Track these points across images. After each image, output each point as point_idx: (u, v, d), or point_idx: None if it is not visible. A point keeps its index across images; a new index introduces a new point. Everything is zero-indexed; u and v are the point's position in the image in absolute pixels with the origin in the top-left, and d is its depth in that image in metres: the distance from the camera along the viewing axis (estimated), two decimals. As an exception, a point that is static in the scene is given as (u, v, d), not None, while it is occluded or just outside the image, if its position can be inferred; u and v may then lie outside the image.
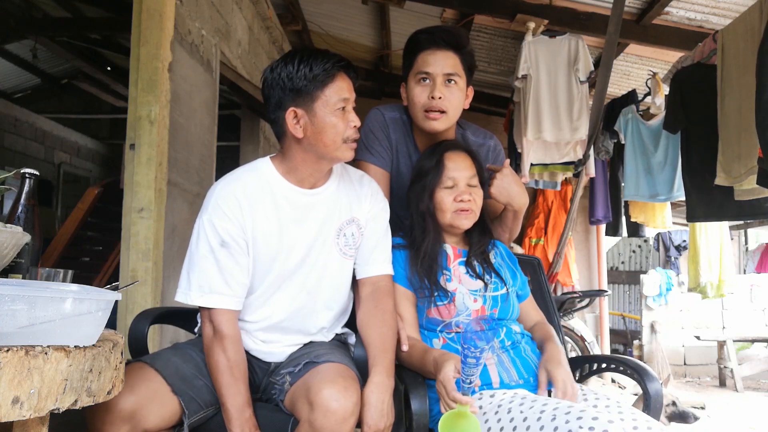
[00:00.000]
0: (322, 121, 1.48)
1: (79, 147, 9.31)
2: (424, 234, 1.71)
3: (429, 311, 1.66)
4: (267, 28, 4.78)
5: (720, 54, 2.87)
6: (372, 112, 1.95)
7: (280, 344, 1.61)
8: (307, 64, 1.48)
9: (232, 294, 1.49)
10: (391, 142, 1.92)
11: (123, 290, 1.20)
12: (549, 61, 4.07)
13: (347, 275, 1.66)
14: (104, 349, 1.01)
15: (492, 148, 2.00)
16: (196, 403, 1.46)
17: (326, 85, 1.48)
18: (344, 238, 1.62)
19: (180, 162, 2.96)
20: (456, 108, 1.83)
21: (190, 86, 3.08)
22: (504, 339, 1.64)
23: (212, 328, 1.48)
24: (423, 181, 1.73)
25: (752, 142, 2.52)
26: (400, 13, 4.84)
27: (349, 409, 1.31)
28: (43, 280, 1.37)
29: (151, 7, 2.68)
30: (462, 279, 1.72)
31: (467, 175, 1.72)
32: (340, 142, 1.51)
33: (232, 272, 1.49)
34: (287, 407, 1.47)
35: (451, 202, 1.70)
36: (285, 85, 1.49)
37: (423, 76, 1.81)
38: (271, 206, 1.54)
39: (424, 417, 1.43)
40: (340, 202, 1.62)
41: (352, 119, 1.52)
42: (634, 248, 9.67)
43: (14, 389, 0.85)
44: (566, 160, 4.20)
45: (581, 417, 1.23)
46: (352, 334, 1.71)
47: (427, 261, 1.69)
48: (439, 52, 1.80)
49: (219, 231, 1.48)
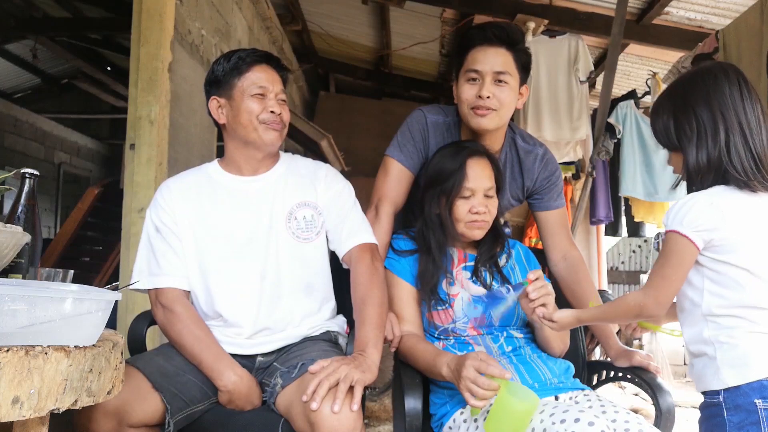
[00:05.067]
0: (239, 106, 1.61)
1: (79, 147, 9.32)
2: (434, 237, 1.68)
3: (428, 314, 1.64)
4: (267, 28, 4.78)
5: (722, 53, 2.87)
6: (415, 113, 1.88)
7: (264, 338, 1.61)
8: (227, 58, 1.65)
9: (169, 273, 1.59)
10: (427, 146, 1.85)
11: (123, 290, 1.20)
12: (549, 61, 4.08)
13: (311, 260, 1.66)
14: (104, 349, 1.01)
15: (540, 156, 1.86)
16: (180, 400, 1.46)
17: (242, 74, 1.62)
18: (296, 222, 1.64)
19: (180, 162, 2.95)
20: (507, 107, 1.72)
21: (190, 86, 3.08)
22: (503, 344, 1.61)
23: (161, 307, 1.58)
24: (442, 185, 1.67)
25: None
26: (400, 13, 4.84)
27: (351, 424, 1.28)
28: (43, 280, 1.37)
29: (151, 7, 2.68)
30: (465, 284, 1.68)
31: (486, 186, 1.65)
32: (257, 123, 1.61)
33: (165, 254, 1.61)
34: (279, 409, 1.46)
35: (465, 213, 1.64)
36: (209, 78, 1.67)
37: (472, 75, 1.71)
38: (207, 194, 1.65)
39: (417, 418, 1.42)
40: (286, 187, 1.67)
41: (271, 105, 1.60)
42: (634, 248, 9.67)
43: (14, 389, 0.85)
44: (566, 159, 4.20)
45: (553, 413, 1.27)
46: (344, 336, 1.71)
47: (430, 264, 1.66)
48: (491, 48, 1.70)
49: (154, 220, 1.64)
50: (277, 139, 1.64)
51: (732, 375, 1.13)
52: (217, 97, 1.66)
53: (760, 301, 1.15)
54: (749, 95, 1.21)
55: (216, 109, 1.66)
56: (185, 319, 1.55)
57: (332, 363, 1.35)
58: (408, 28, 5.18)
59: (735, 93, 1.20)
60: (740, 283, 1.15)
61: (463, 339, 1.62)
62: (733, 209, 1.16)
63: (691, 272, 1.21)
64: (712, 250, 1.17)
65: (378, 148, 2.43)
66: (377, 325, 1.51)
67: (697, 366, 1.21)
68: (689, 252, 1.17)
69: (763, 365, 1.11)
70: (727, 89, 1.21)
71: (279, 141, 1.65)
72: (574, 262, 1.83)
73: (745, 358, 1.12)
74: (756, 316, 1.15)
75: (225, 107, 1.64)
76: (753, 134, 1.19)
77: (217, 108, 1.66)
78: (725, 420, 1.11)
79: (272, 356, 1.62)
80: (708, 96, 1.22)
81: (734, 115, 1.19)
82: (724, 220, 1.15)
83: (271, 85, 1.62)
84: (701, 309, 1.19)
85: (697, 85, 1.24)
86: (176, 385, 1.47)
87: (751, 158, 1.18)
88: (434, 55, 5.73)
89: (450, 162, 1.67)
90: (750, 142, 1.18)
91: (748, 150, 1.18)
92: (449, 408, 1.54)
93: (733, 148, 1.18)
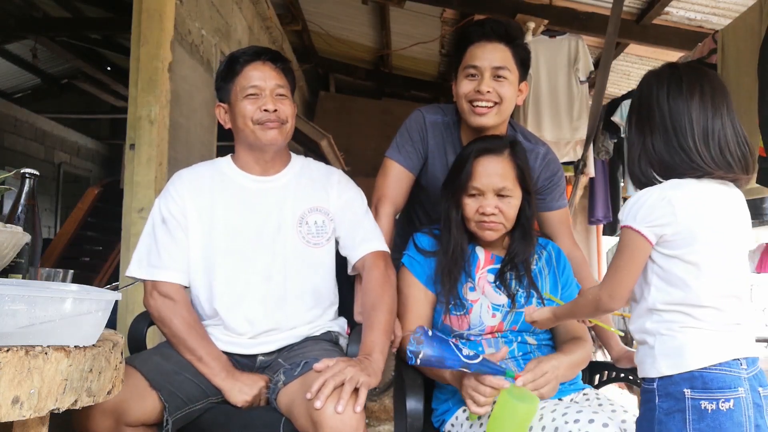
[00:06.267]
0: (235, 109, 1.62)
1: (79, 147, 9.31)
2: (450, 237, 1.61)
3: (444, 317, 1.59)
4: (267, 28, 4.78)
5: (720, 54, 2.87)
6: (413, 113, 1.88)
7: (265, 338, 1.61)
8: (223, 65, 1.66)
9: (169, 267, 1.59)
10: (426, 146, 1.84)
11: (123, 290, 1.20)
12: (549, 61, 4.08)
13: (320, 265, 1.65)
14: (104, 349, 1.01)
15: (542, 155, 1.84)
16: (178, 398, 1.45)
17: (236, 77, 1.62)
18: (307, 227, 1.64)
19: (180, 162, 2.95)
20: (507, 102, 1.71)
21: (190, 86, 3.08)
22: (515, 349, 1.57)
23: (159, 296, 1.58)
24: (454, 182, 1.61)
25: (752, 141, 2.52)
26: (400, 13, 4.85)
27: (354, 424, 1.28)
28: (43, 280, 1.37)
29: (151, 7, 2.68)
30: (486, 290, 1.59)
31: (497, 185, 1.55)
32: (252, 125, 1.60)
33: (168, 247, 1.60)
34: (280, 406, 1.45)
35: (474, 212, 1.57)
36: (216, 87, 1.69)
37: (471, 71, 1.70)
38: (219, 189, 1.64)
39: (418, 419, 1.42)
40: (299, 191, 1.66)
41: (263, 104, 1.59)
42: (634, 248, 9.66)
43: (14, 389, 0.85)
44: (566, 159, 4.20)
45: (566, 413, 1.28)
46: (345, 336, 1.71)
47: (448, 266, 1.59)
48: (489, 44, 1.69)
49: (162, 210, 1.63)
50: (277, 136, 1.62)
51: (667, 365, 1.17)
52: (221, 103, 1.67)
53: (703, 298, 1.18)
54: (682, 90, 1.23)
55: (223, 115, 1.68)
56: (181, 308, 1.56)
57: (338, 363, 1.35)
58: (408, 28, 5.18)
59: (662, 91, 1.24)
60: (686, 281, 1.18)
61: (474, 339, 1.59)
62: (686, 203, 1.18)
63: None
64: (664, 245, 1.19)
65: (378, 148, 2.43)
66: (385, 331, 1.52)
67: (639, 354, 1.25)
68: (642, 247, 1.19)
69: (696, 357, 1.15)
70: (655, 90, 1.25)
71: (280, 138, 1.63)
72: (577, 263, 1.82)
73: (681, 350, 1.17)
74: (697, 313, 1.18)
75: (228, 112, 1.65)
76: (678, 132, 1.21)
77: (224, 114, 1.67)
78: (656, 405, 1.17)
79: (273, 355, 1.62)
80: (642, 99, 1.28)
81: (665, 117, 1.23)
82: (675, 215, 1.16)
83: (265, 83, 1.61)
84: (647, 302, 1.22)
85: (640, 94, 1.30)
86: (174, 384, 1.47)
87: (704, 148, 1.20)
88: (434, 55, 5.73)
89: (460, 159, 1.63)
90: (681, 138, 1.21)
91: (693, 143, 1.20)
92: (452, 405, 1.54)
93: (657, 145, 1.23)
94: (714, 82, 1.25)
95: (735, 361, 1.15)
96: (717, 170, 1.19)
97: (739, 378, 1.14)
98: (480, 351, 1.54)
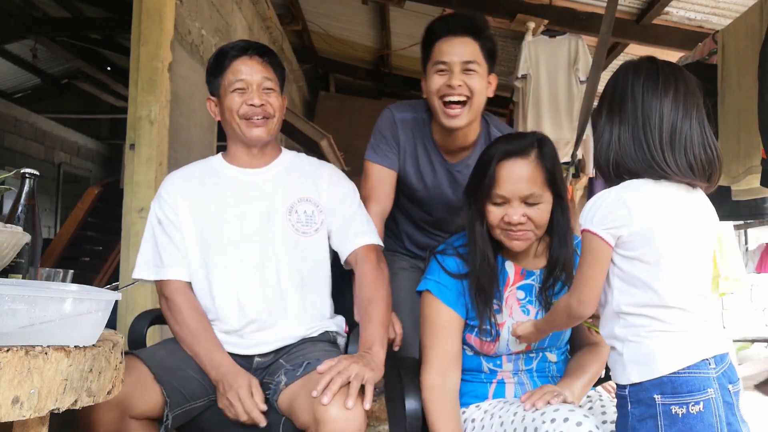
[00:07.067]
0: (223, 102, 1.65)
1: (79, 147, 9.32)
2: (476, 250, 1.48)
3: (469, 336, 1.51)
4: (267, 28, 4.78)
5: (720, 54, 2.87)
6: (383, 112, 1.90)
7: (258, 334, 1.61)
8: (212, 59, 1.68)
9: (170, 265, 1.62)
10: (398, 143, 1.85)
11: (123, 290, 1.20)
12: (549, 61, 4.08)
13: (308, 254, 1.65)
14: (104, 349, 1.01)
15: None
16: (180, 394, 1.46)
17: (224, 71, 1.64)
18: (296, 215, 1.65)
19: (180, 162, 2.95)
20: (478, 95, 1.70)
21: (190, 86, 3.08)
22: (534, 368, 1.53)
23: (165, 299, 1.61)
24: (477, 188, 1.48)
25: (752, 142, 2.52)
26: (400, 13, 4.85)
27: (360, 421, 1.28)
28: (43, 280, 1.37)
29: (151, 7, 2.68)
30: (513, 312, 1.49)
31: (523, 192, 1.41)
32: (238, 119, 1.62)
33: (166, 247, 1.63)
34: (281, 408, 1.45)
35: (498, 220, 1.43)
36: (206, 81, 1.71)
37: (441, 66, 1.70)
38: (210, 185, 1.67)
39: (418, 419, 1.42)
40: (289, 182, 1.68)
41: (250, 98, 1.60)
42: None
43: (14, 389, 0.85)
44: (566, 159, 4.20)
45: (545, 412, 1.27)
46: (344, 335, 1.71)
47: (478, 285, 1.47)
48: (456, 39, 1.70)
49: (157, 212, 1.66)
50: (262, 133, 1.64)
51: (636, 372, 1.17)
52: (211, 97, 1.70)
53: (667, 299, 1.17)
54: (658, 85, 1.21)
55: (213, 108, 1.71)
56: (185, 309, 1.58)
57: (341, 361, 1.35)
58: (408, 28, 5.18)
59: (638, 83, 1.22)
60: (646, 282, 1.17)
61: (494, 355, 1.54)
62: (641, 205, 1.17)
63: None
64: (622, 246, 1.18)
65: (378, 148, 2.41)
66: (383, 324, 1.53)
67: (610, 359, 1.25)
68: (603, 250, 1.18)
69: (664, 363, 1.15)
70: (630, 80, 1.23)
71: (265, 135, 1.64)
72: None
73: (649, 356, 1.16)
74: (663, 315, 1.17)
75: (218, 106, 1.68)
76: (646, 126, 1.19)
77: (214, 107, 1.70)
78: (629, 412, 1.17)
79: (270, 357, 1.62)
80: (615, 93, 1.24)
81: (637, 109, 1.20)
82: (631, 216, 1.16)
83: (252, 77, 1.62)
84: (612, 306, 1.22)
85: (608, 87, 1.27)
86: (177, 380, 1.47)
87: (657, 149, 1.17)
88: (434, 55, 5.72)
89: (481, 162, 1.49)
90: (648, 133, 1.18)
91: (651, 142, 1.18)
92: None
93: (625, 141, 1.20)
94: (689, 83, 1.23)
95: (704, 362, 1.15)
96: (675, 174, 1.17)
97: (708, 379, 1.14)
98: (499, 365, 1.53)
